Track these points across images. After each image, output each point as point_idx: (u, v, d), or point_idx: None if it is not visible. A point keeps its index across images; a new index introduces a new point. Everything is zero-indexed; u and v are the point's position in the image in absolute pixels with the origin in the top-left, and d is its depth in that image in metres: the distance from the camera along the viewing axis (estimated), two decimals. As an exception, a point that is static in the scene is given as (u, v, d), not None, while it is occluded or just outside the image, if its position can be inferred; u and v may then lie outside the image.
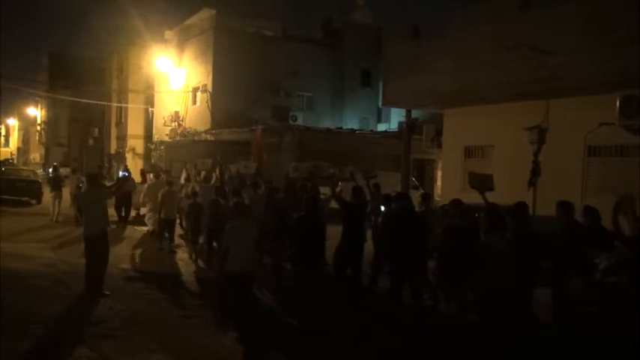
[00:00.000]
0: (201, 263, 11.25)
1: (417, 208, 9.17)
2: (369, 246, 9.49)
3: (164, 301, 8.42)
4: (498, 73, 11.80)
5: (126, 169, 18.45)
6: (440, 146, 15.96)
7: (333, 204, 10.04)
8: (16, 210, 18.78)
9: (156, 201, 12.97)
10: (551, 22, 10.99)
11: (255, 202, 11.28)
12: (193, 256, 11.64)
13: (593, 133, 10.99)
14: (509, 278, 5.84)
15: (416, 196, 11.45)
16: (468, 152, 14.41)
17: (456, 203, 7.99)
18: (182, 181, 15.87)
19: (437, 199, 15.70)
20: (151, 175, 16.31)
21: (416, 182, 18.53)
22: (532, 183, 11.16)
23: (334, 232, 9.17)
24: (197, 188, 13.25)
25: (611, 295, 5.43)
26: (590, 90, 10.60)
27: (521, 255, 6.03)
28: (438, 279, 8.32)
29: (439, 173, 17.34)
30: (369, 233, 9.88)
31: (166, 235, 12.63)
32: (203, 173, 15.01)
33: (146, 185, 15.60)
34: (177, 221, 13.85)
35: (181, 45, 30.27)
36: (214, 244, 10.79)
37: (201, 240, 11.82)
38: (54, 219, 16.51)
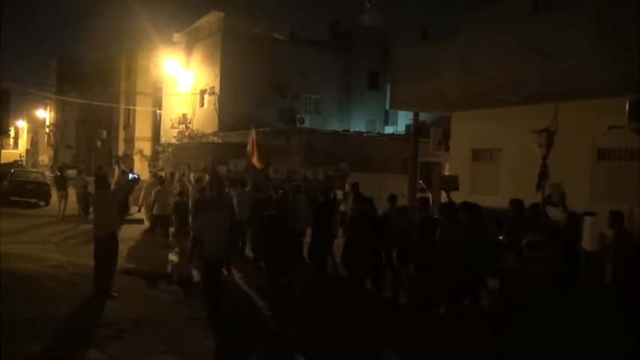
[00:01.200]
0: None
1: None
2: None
3: (171, 303, 8.44)
4: (507, 76, 11.76)
5: (131, 171, 18.63)
6: (447, 149, 15.92)
7: (342, 207, 10.30)
8: (25, 212, 18.89)
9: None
10: (560, 26, 10.96)
11: (242, 199, 11.70)
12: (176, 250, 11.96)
13: (603, 137, 10.93)
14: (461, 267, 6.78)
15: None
16: (476, 155, 14.36)
17: (424, 202, 8.98)
18: (176, 180, 16.08)
19: (444, 201, 15.65)
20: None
21: (423, 185, 18.48)
22: (540, 186, 11.11)
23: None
24: (190, 188, 13.89)
25: (531, 266, 6.17)
26: (599, 93, 10.55)
27: (471, 246, 6.91)
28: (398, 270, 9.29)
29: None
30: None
31: (160, 230, 13.24)
32: (192, 175, 15.68)
33: (144, 185, 15.85)
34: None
35: (189, 47, 30.40)
36: None
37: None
38: (60, 217, 17.22)
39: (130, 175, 15.47)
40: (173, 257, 11.68)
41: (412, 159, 15.85)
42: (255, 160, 13.70)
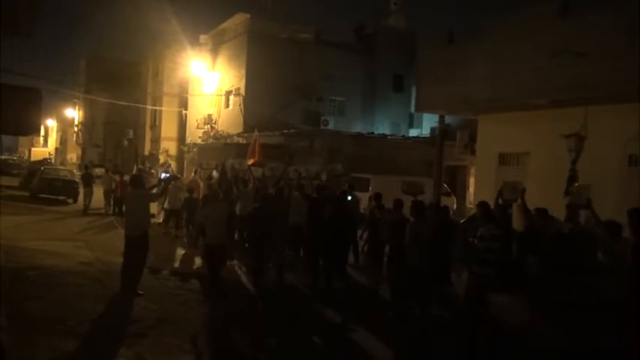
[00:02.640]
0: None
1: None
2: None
3: (195, 302, 8.52)
4: (536, 79, 11.61)
5: (167, 170, 18.82)
6: (473, 153, 15.78)
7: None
8: (54, 208, 19.27)
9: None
10: (590, 28, 10.77)
11: (244, 196, 12.16)
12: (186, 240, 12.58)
13: (634, 142, 10.69)
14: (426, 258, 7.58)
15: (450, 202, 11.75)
16: (503, 159, 14.20)
17: (397, 203, 9.31)
18: (188, 179, 17.13)
19: (469, 205, 15.52)
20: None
21: (448, 189, 18.34)
22: (569, 191, 10.92)
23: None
24: (201, 185, 14.95)
25: (483, 254, 6.92)
26: (630, 97, 10.32)
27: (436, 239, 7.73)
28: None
29: (472, 180, 17.13)
30: None
31: (172, 223, 14.37)
32: (200, 171, 16.84)
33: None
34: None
35: (215, 49, 30.69)
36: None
37: None
38: (85, 211, 18.40)
39: (163, 175, 15.79)
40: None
41: (437, 162, 15.73)
42: (255, 157, 15.06)
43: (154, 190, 10.20)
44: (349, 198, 11.47)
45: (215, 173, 15.98)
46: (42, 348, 5.86)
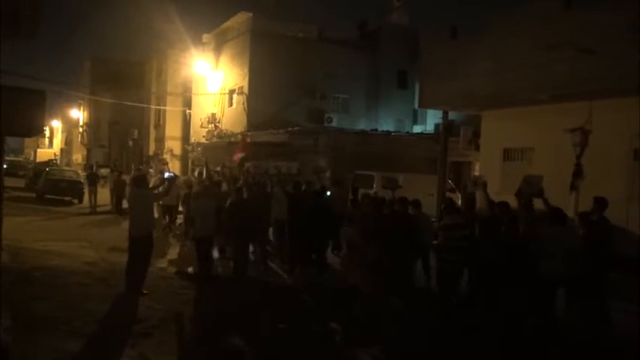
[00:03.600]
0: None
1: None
2: None
3: (199, 301, 8.53)
4: (540, 74, 11.55)
5: (164, 169, 19.09)
6: (477, 148, 15.72)
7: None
8: (59, 209, 19.35)
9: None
10: (595, 22, 10.70)
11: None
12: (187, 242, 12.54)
13: (639, 136, 10.62)
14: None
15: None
16: (507, 154, 14.14)
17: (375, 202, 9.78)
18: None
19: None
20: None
21: (452, 185, 18.27)
22: (574, 186, 10.88)
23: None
24: (194, 181, 15.24)
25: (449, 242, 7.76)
26: (635, 91, 10.25)
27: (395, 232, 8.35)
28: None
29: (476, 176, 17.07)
30: None
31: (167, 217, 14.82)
32: (198, 169, 17.62)
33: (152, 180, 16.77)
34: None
35: (218, 48, 30.70)
36: None
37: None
38: (91, 209, 18.98)
39: (167, 174, 15.96)
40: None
41: (441, 158, 15.69)
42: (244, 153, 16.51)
43: (160, 189, 10.22)
44: (328, 193, 12.14)
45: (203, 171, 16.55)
46: (46, 348, 5.88)
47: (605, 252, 7.34)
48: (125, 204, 17.85)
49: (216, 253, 11.16)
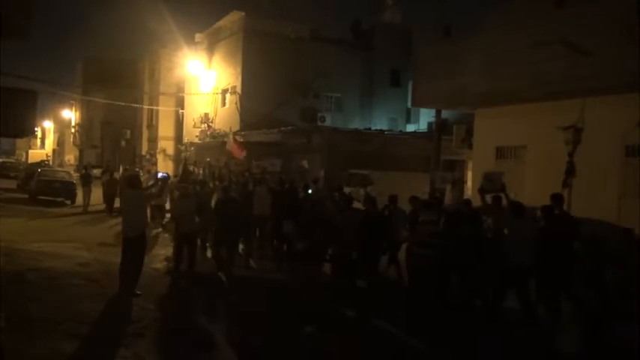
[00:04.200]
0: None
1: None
2: None
3: (193, 301, 8.52)
4: (532, 72, 11.59)
5: (157, 171, 19.28)
6: (470, 147, 15.75)
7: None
8: (52, 210, 19.25)
9: None
10: (587, 19, 10.74)
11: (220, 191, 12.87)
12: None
13: (631, 133, 10.68)
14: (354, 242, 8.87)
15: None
16: (500, 153, 14.18)
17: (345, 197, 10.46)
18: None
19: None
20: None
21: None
22: (567, 184, 10.92)
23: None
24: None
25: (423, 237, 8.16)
26: (628, 88, 10.30)
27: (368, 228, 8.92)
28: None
29: (469, 174, 17.11)
30: None
31: (158, 215, 15.14)
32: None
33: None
34: None
35: (211, 47, 30.62)
36: None
37: None
38: (84, 209, 19.16)
39: (160, 174, 16.14)
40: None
41: (435, 157, 15.72)
42: (238, 154, 18.56)
43: (152, 190, 10.20)
44: (310, 191, 12.70)
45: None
46: (41, 349, 5.86)
47: (568, 243, 7.67)
48: (117, 203, 18.23)
49: (208, 253, 11.23)
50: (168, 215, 14.82)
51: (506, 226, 7.92)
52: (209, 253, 11.26)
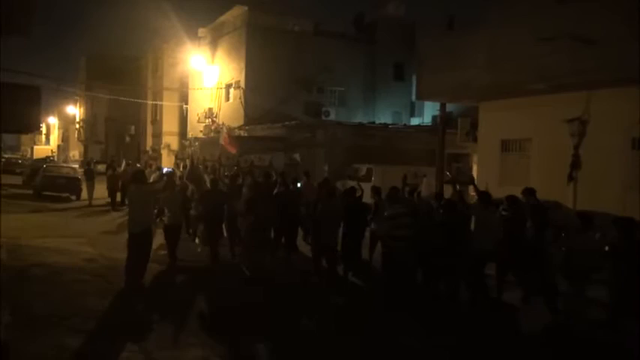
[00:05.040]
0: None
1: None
2: None
3: (200, 295, 8.54)
4: (537, 65, 11.54)
5: (159, 166, 19.36)
6: (475, 140, 15.71)
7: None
8: (57, 205, 19.30)
9: None
10: (591, 12, 10.67)
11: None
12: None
13: (637, 126, 10.62)
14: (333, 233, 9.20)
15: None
16: (505, 146, 14.14)
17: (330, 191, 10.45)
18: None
19: (472, 194, 15.50)
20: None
21: (450, 176, 18.27)
22: (572, 177, 10.90)
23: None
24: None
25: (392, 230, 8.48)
26: (633, 81, 10.25)
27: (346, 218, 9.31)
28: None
29: (474, 167, 17.07)
30: None
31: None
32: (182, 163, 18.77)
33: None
34: None
35: (214, 42, 30.59)
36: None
37: None
38: (89, 203, 19.71)
39: (165, 169, 16.19)
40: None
41: (439, 150, 15.67)
42: (231, 148, 19.80)
43: (157, 186, 10.20)
44: (299, 185, 13.04)
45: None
46: (47, 345, 5.87)
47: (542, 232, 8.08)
48: (119, 197, 18.92)
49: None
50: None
51: (474, 214, 8.36)
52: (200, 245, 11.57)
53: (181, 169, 17.07)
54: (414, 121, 28.41)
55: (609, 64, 10.32)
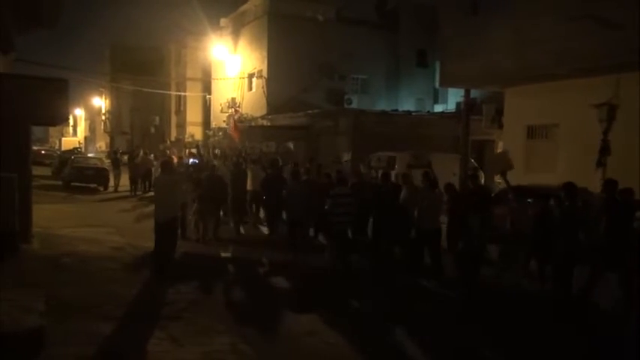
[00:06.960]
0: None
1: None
2: None
3: (226, 284, 8.65)
4: (563, 48, 11.29)
5: (195, 156, 19.25)
6: (501, 126, 15.49)
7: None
8: (85, 197, 19.70)
9: None
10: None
11: (222, 170, 13.70)
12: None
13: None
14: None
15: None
16: (531, 132, 13.92)
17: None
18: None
19: (498, 180, 15.29)
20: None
21: (475, 164, 18.05)
22: (601, 163, 10.67)
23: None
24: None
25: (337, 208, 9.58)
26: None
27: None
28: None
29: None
30: None
31: None
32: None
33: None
34: None
35: (236, 32, 30.63)
36: None
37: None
38: (115, 189, 21.56)
39: (190, 160, 16.34)
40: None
41: (464, 137, 15.49)
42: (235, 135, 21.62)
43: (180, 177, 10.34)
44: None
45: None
46: (79, 332, 6.03)
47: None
48: (140, 185, 20.52)
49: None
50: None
51: (422, 196, 9.31)
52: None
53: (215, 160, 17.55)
54: (438, 108, 28.08)
55: (636, 47, 10.03)
